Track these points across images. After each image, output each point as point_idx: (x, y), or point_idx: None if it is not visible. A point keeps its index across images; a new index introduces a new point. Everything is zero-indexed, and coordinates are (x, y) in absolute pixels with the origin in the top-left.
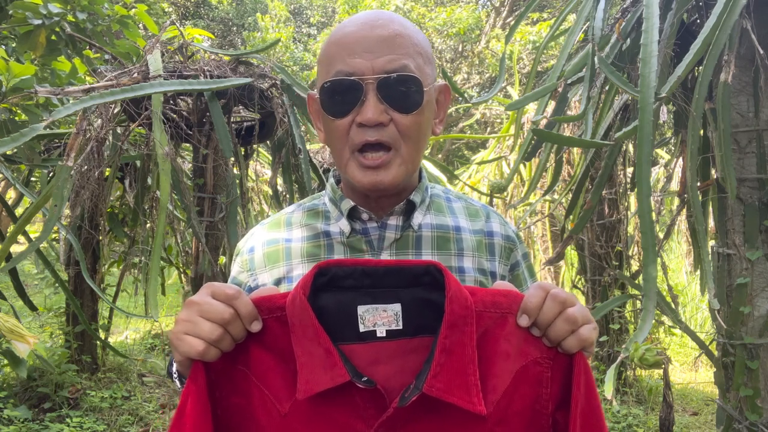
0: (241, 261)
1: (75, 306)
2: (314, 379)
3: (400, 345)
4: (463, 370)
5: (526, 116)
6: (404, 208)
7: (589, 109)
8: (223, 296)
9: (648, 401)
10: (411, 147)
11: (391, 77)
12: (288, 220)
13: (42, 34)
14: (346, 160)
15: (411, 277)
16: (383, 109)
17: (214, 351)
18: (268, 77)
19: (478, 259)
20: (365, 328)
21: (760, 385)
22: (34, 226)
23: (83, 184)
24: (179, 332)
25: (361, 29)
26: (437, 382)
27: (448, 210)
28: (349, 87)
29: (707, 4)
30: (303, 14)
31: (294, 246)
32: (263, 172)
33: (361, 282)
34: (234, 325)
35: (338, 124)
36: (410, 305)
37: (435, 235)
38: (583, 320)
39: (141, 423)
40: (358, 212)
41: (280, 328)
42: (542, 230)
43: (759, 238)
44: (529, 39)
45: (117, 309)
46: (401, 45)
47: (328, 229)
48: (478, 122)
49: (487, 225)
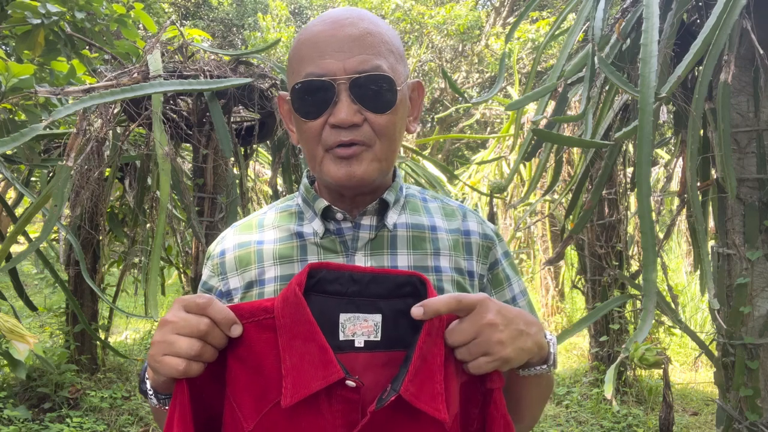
0: (211, 265)
1: (75, 306)
2: (303, 382)
3: (375, 357)
4: (431, 378)
5: (526, 116)
6: (377, 208)
7: (589, 109)
8: (195, 307)
9: (648, 401)
10: (385, 145)
11: (364, 77)
12: (260, 222)
13: (41, 34)
14: (320, 159)
15: (394, 286)
16: (356, 109)
17: (197, 366)
18: (268, 77)
19: (455, 259)
20: (344, 336)
21: (760, 385)
22: (34, 226)
23: (83, 184)
24: (157, 354)
25: (331, 28)
26: (411, 386)
27: (424, 210)
28: (320, 88)
29: (707, 4)
30: (303, 14)
31: (266, 248)
32: (263, 172)
33: (346, 288)
34: (212, 335)
35: (311, 125)
36: (389, 317)
37: (410, 234)
38: (482, 351)
39: (141, 423)
40: (332, 212)
41: (259, 334)
42: (542, 230)
43: (759, 238)
44: (528, 37)
45: (117, 309)
46: (372, 44)
47: (301, 230)
48: (478, 122)
49: (463, 224)
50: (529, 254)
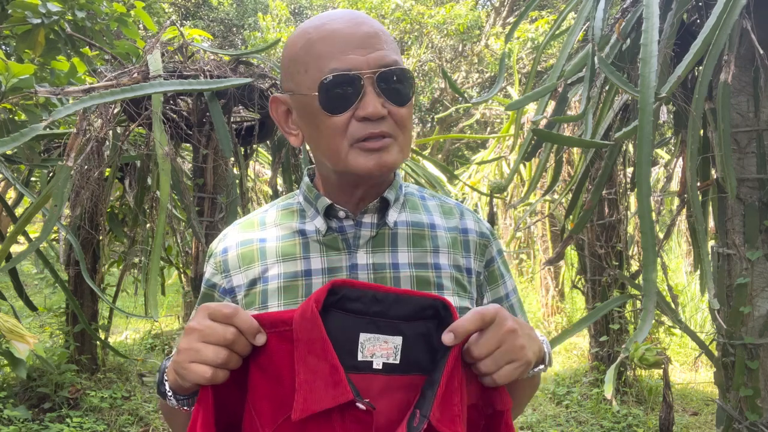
0: (214, 263)
1: (75, 306)
2: (314, 398)
3: (392, 381)
4: (451, 401)
5: (526, 116)
6: (378, 206)
7: (589, 109)
8: (222, 316)
9: (648, 401)
10: (407, 136)
11: (388, 71)
12: (262, 220)
13: (41, 34)
14: (345, 153)
15: (417, 309)
16: (382, 102)
17: (223, 373)
18: (268, 77)
19: (454, 256)
20: (363, 357)
21: (760, 385)
22: (34, 226)
23: (83, 184)
24: (184, 361)
25: (348, 26)
26: (437, 411)
27: (423, 208)
28: (346, 82)
29: (707, 4)
30: (303, 14)
31: (269, 245)
32: (263, 172)
33: (369, 308)
34: (238, 343)
35: (335, 120)
36: (410, 340)
37: (411, 232)
38: (508, 359)
39: (141, 423)
40: (335, 210)
41: (279, 345)
42: (542, 230)
43: (759, 238)
44: (528, 36)
45: (117, 309)
46: (386, 41)
47: (303, 227)
48: (478, 122)
49: (461, 222)
50: (529, 254)
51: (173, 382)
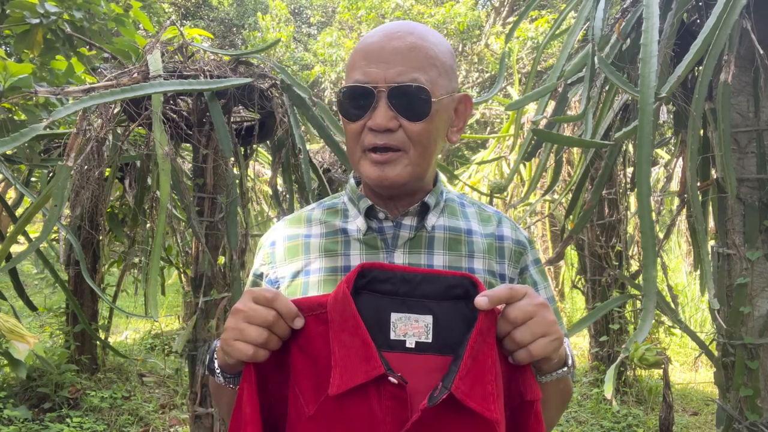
0: (262, 254)
1: (75, 306)
2: (348, 374)
3: (425, 360)
4: (482, 378)
5: (526, 116)
6: (419, 210)
7: (589, 109)
8: (264, 300)
9: (648, 401)
10: (419, 151)
11: (402, 87)
12: (308, 217)
13: (39, 33)
14: (357, 158)
15: (445, 287)
16: (392, 116)
17: (263, 352)
18: (268, 77)
19: (488, 262)
20: (396, 336)
21: (760, 385)
22: (34, 226)
23: (83, 184)
24: (229, 339)
25: (381, 40)
26: (462, 385)
27: (462, 214)
28: (362, 94)
29: (707, 4)
30: (303, 14)
31: (313, 241)
32: (263, 172)
33: (397, 288)
34: (278, 326)
35: (352, 126)
36: (441, 320)
37: (447, 236)
38: (540, 333)
39: (141, 423)
40: (375, 211)
41: (317, 327)
42: (542, 230)
43: (759, 238)
44: (528, 36)
45: (117, 309)
46: (416, 58)
47: (345, 226)
48: (478, 122)
49: (498, 229)
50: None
51: (221, 359)
